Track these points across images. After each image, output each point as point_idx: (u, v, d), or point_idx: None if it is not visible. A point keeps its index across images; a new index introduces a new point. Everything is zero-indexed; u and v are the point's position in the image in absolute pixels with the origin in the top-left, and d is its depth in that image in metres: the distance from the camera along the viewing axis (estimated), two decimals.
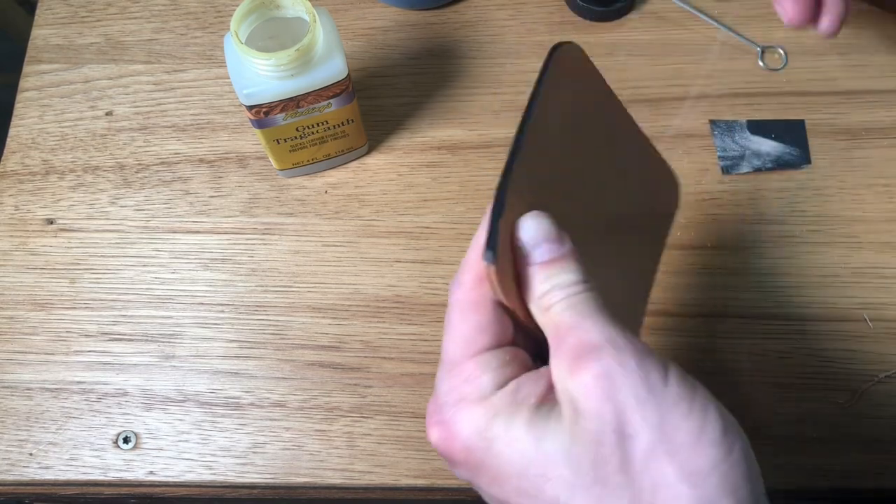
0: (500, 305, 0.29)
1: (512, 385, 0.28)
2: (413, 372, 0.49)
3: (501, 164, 0.27)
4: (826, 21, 0.47)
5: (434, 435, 0.29)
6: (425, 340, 0.50)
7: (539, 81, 0.30)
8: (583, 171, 0.33)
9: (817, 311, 0.50)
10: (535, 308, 0.29)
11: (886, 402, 0.48)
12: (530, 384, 0.28)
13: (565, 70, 0.31)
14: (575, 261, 0.28)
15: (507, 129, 0.55)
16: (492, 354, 0.28)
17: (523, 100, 0.29)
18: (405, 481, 0.47)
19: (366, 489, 0.47)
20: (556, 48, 0.30)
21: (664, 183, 0.39)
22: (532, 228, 0.28)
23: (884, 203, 0.53)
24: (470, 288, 0.29)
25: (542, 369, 0.28)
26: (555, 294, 0.28)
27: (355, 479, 0.47)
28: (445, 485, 0.46)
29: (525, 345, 0.30)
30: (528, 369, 0.29)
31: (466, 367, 0.28)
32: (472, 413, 0.27)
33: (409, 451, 0.47)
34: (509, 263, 0.29)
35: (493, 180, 0.54)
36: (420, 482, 0.47)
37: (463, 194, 0.53)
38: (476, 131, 0.55)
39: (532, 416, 0.27)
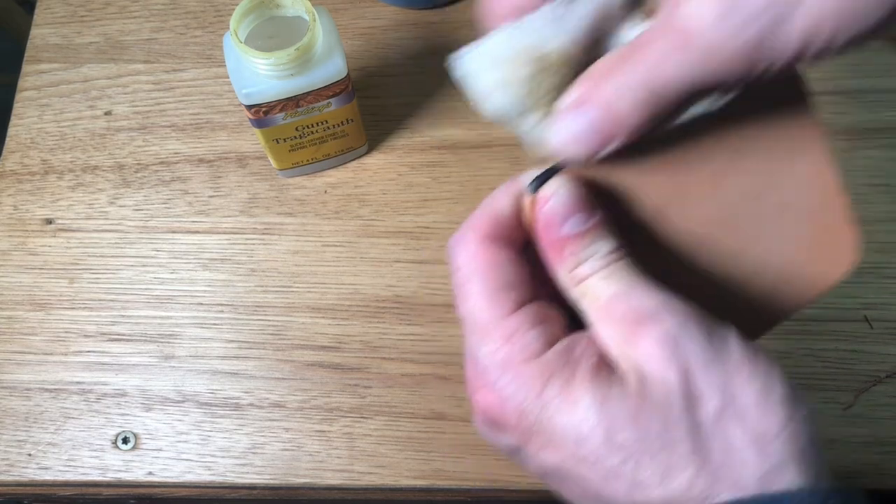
0: (519, 258, 0.27)
1: (565, 342, 0.26)
2: (413, 372, 0.49)
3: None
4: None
5: (481, 400, 0.27)
6: (425, 340, 0.49)
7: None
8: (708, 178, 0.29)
9: (817, 311, 0.50)
10: (566, 280, 0.27)
11: (886, 402, 0.48)
12: (583, 344, 0.26)
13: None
14: (608, 228, 0.27)
15: (507, 129, 0.55)
16: (530, 309, 0.27)
17: None
18: (405, 482, 0.46)
19: (366, 490, 0.47)
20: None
21: (826, 242, 0.31)
22: (560, 198, 0.27)
23: (884, 203, 0.53)
24: (479, 247, 0.27)
25: (587, 332, 0.27)
26: (590, 265, 0.26)
27: (355, 480, 0.47)
28: (445, 485, 0.46)
29: (550, 299, 0.28)
30: (564, 326, 0.27)
31: (506, 326, 0.26)
32: (524, 374, 0.25)
33: (409, 452, 0.47)
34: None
35: (493, 180, 0.54)
36: (420, 483, 0.47)
37: (463, 194, 0.53)
38: (476, 131, 0.55)
39: (593, 378, 0.25)
